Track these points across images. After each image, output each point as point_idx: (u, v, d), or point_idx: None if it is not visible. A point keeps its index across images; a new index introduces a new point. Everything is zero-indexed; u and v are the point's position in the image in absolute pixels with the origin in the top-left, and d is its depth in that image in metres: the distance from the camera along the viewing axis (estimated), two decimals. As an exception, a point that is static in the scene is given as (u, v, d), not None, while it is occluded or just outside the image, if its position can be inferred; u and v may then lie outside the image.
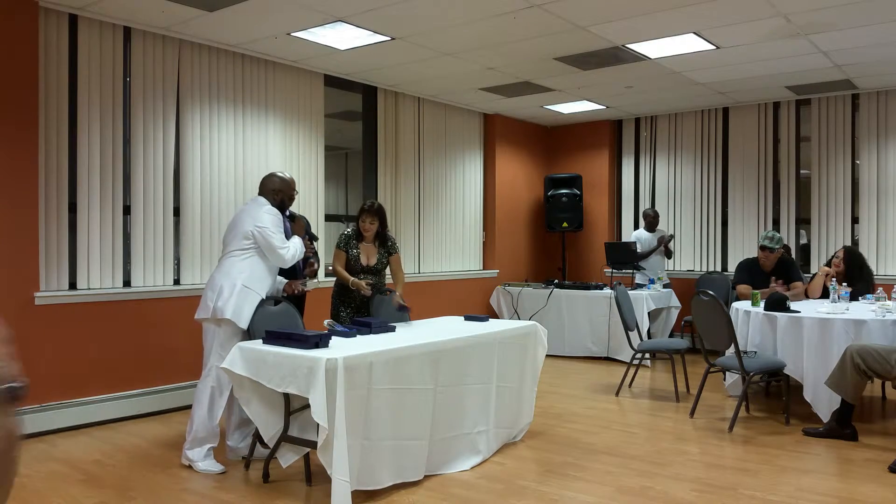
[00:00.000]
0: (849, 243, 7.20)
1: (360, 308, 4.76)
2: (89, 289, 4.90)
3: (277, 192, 4.13)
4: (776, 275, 5.76)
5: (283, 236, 4.02)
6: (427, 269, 7.76)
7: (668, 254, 7.87)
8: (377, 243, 4.82)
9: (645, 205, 8.84)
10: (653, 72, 6.47)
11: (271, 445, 3.58)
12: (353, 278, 4.64)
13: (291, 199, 4.27)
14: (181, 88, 5.44)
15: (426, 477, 3.65)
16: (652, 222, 7.90)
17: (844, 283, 5.45)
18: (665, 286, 7.54)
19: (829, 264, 5.79)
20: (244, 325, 3.85)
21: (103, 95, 4.98)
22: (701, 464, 3.94)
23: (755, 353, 4.92)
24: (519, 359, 4.36)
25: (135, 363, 5.06)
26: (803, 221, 7.81)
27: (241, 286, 3.88)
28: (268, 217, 3.97)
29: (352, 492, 3.14)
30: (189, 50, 5.46)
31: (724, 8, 4.78)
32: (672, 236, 7.92)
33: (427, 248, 7.77)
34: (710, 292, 4.86)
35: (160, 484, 3.63)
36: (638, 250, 7.74)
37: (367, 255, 4.77)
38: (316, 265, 4.71)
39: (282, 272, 4.28)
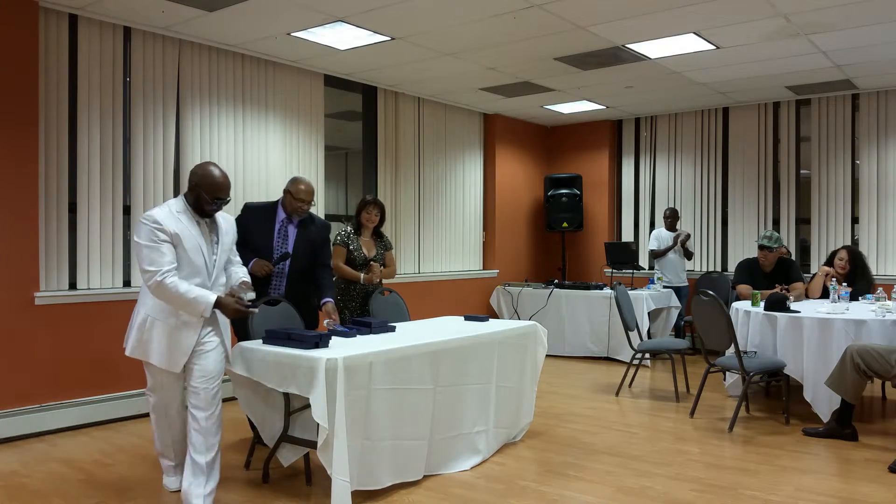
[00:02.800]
0: (849, 243, 7.20)
1: (364, 306, 4.78)
2: (89, 289, 4.89)
3: (192, 187, 3.22)
4: (776, 275, 5.76)
5: (157, 253, 3.04)
6: (427, 269, 7.75)
7: (688, 254, 7.67)
8: (374, 238, 4.93)
9: (645, 205, 8.84)
10: (653, 72, 6.47)
11: (271, 445, 3.58)
12: (362, 274, 4.73)
13: (212, 202, 3.20)
14: (181, 88, 5.44)
15: (426, 477, 3.65)
16: (671, 222, 7.76)
17: (844, 283, 5.46)
18: (681, 288, 7.51)
19: (828, 263, 5.78)
20: (164, 364, 3.20)
21: (103, 95, 4.98)
22: (701, 464, 3.94)
23: (755, 353, 4.93)
24: (519, 359, 4.36)
25: (135, 363, 5.01)
26: (803, 221, 7.80)
27: (143, 316, 3.22)
28: (141, 226, 3.09)
29: (351, 492, 3.14)
30: (189, 50, 5.46)
31: (724, 8, 4.78)
32: (689, 235, 7.74)
33: (427, 248, 7.76)
34: (710, 292, 4.86)
35: (160, 484, 3.63)
36: (656, 248, 7.68)
37: (367, 248, 4.87)
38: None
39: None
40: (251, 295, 4.06)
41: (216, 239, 3.29)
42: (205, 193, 3.14)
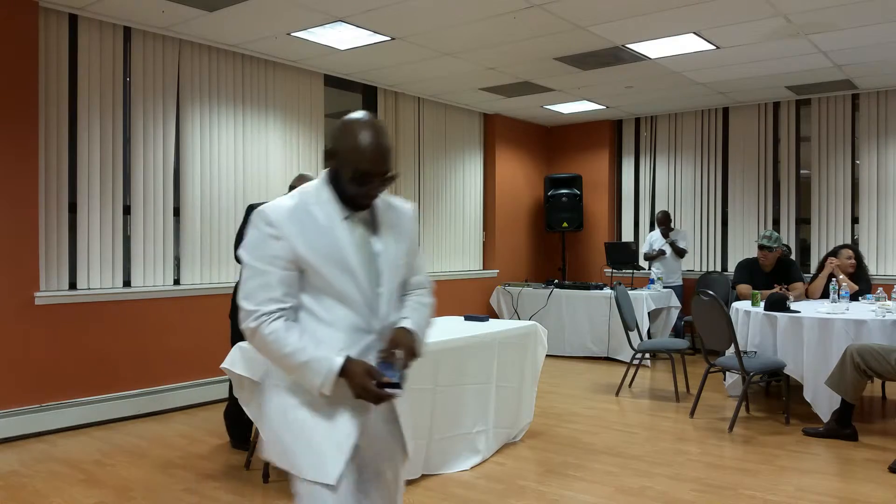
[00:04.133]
0: (849, 243, 7.19)
1: None
2: (89, 289, 4.89)
3: (332, 161, 2.01)
4: (776, 275, 5.76)
5: (260, 281, 1.86)
6: (427, 269, 7.74)
7: (679, 252, 7.66)
8: None
9: (645, 205, 8.84)
10: (653, 72, 6.47)
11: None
12: None
13: (361, 183, 1.98)
14: (181, 88, 5.44)
15: (426, 477, 3.65)
16: (665, 229, 7.74)
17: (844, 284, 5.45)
18: (674, 287, 7.53)
19: (833, 254, 5.73)
20: (313, 473, 1.82)
21: (103, 95, 4.98)
22: (701, 464, 3.94)
23: (755, 353, 4.92)
24: (519, 359, 4.36)
25: (135, 363, 5.06)
26: (803, 221, 7.80)
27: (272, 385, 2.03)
28: (249, 228, 1.96)
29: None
30: (189, 50, 5.46)
31: (724, 8, 4.78)
32: (676, 231, 7.74)
33: (427, 248, 7.76)
34: (711, 292, 4.86)
35: (160, 484, 3.63)
36: (647, 251, 7.74)
37: None
38: None
39: None
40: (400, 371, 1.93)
41: (380, 247, 1.88)
42: (348, 170, 1.80)
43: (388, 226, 1.91)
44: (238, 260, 4.11)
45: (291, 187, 4.23)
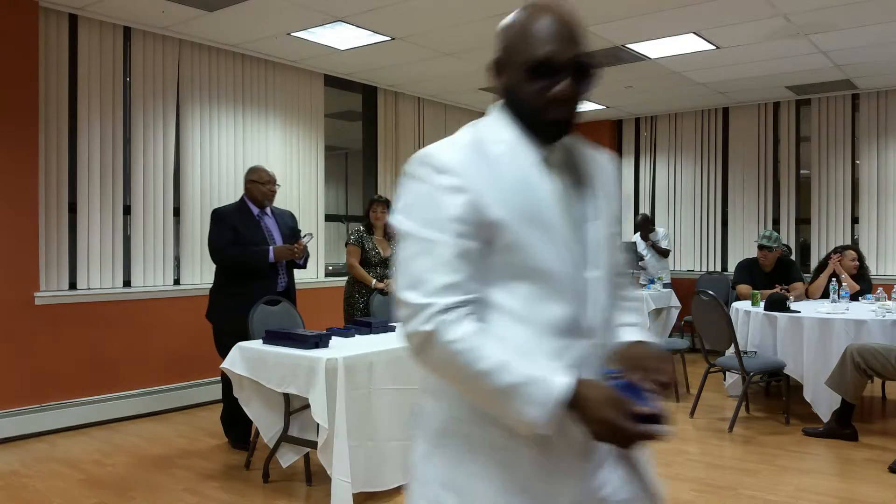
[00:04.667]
0: (849, 243, 7.19)
1: (368, 306, 4.84)
2: (89, 289, 4.89)
3: (502, 64, 1.57)
4: (776, 275, 5.76)
5: (429, 261, 1.19)
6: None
7: (661, 252, 7.63)
8: (386, 237, 5.02)
9: (645, 205, 8.83)
10: (653, 72, 6.47)
11: (271, 445, 3.58)
12: (374, 280, 4.83)
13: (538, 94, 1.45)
14: (181, 88, 5.44)
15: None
16: (644, 233, 7.66)
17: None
18: (665, 286, 7.53)
19: (835, 252, 5.75)
20: None
21: (103, 95, 4.98)
22: (701, 464, 3.94)
23: (755, 353, 4.92)
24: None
25: (135, 363, 5.06)
26: (803, 221, 7.80)
27: (442, 420, 1.48)
28: (408, 185, 1.34)
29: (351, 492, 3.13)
30: (189, 50, 5.46)
31: (724, 8, 4.78)
32: (655, 233, 7.63)
33: (427, 248, 7.75)
34: (710, 292, 4.85)
35: (160, 484, 3.63)
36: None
37: (382, 248, 4.96)
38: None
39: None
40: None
41: (589, 208, 1.28)
42: (522, 72, 1.27)
43: (593, 178, 1.30)
44: (220, 259, 4.18)
45: (251, 182, 4.29)
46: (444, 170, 1.19)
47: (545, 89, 1.20)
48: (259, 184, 4.27)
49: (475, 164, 1.20)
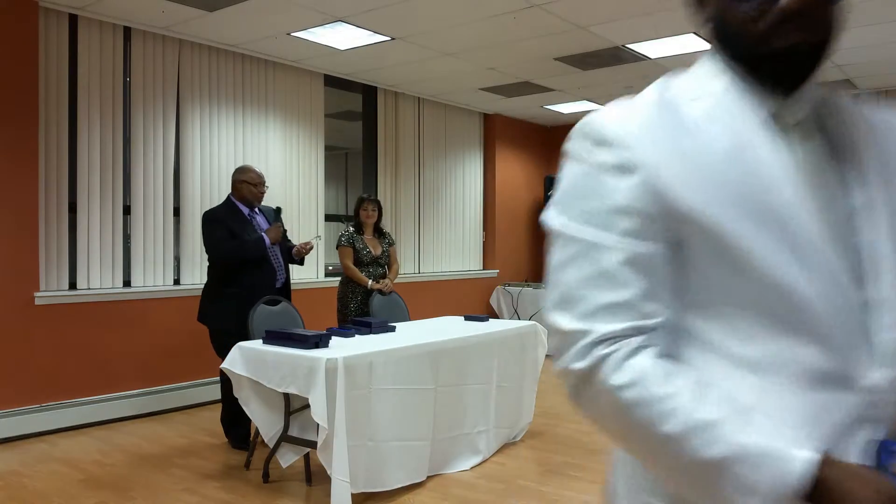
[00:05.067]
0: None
1: (364, 306, 4.83)
2: (89, 289, 4.89)
3: None
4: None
5: (588, 267, 0.89)
6: (427, 269, 7.75)
7: None
8: (377, 235, 5.02)
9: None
10: (653, 72, 6.47)
11: (271, 445, 3.58)
12: (370, 281, 4.82)
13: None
14: (181, 88, 5.44)
15: (427, 477, 3.65)
16: None
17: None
18: None
19: None
20: None
21: (103, 95, 4.98)
22: (701, 464, 3.93)
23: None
24: (519, 359, 4.36)
25: (135, 363, 5.06)
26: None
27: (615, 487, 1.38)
28: (571, 164, 1.04)
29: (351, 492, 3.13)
30: (189, 50, 5.46)
31: (724, 8, 4.78)
32: None
33: (427, 248, 7.76)
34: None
35: (160, 484, 3.63)
36: None
37: (373, 246, 4.95)
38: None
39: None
40: None
41: (861, 193, 0.87)
42: None
43: (861, 148, 0.91)
44: (214, 258, 4.22)
45: (241, 182, 4.31)
46: (606, 141, 0.86)
47: (770, 0, 0.81)
48: (251, 185, 4.29)
49: (659, 130, 0.85)
